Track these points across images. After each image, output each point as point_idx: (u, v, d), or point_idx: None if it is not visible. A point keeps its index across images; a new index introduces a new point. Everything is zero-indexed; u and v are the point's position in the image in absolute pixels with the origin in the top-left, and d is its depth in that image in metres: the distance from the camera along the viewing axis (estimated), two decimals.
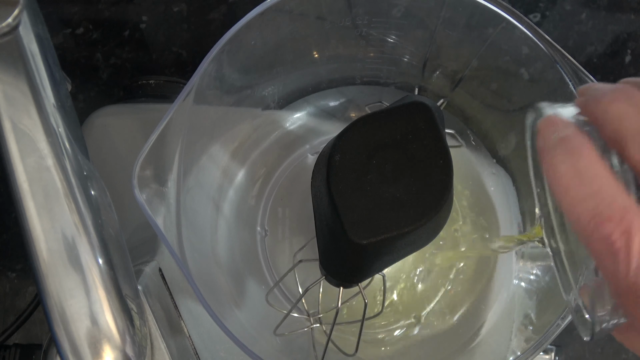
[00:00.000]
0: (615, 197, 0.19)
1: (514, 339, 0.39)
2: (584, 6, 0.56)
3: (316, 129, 0.48)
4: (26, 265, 0.53)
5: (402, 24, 0.41)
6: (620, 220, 0.18)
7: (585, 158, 0.20)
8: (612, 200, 0.19)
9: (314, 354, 0.42)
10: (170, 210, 0.36)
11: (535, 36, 0.34)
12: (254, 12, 0.34)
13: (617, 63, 0.56)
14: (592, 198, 0.19)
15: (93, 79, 0.56)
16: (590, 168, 0.20)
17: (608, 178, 0.19)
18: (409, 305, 0.44)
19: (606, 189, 0.19)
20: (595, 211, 0.19)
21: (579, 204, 0.19)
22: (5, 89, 0.27)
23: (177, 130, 0.34)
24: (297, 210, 0.46)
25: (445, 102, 0.45)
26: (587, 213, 0.19)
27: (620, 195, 0.19)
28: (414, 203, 0.31)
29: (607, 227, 0.19)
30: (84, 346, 0.28)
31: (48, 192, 0.28)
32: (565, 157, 0.20)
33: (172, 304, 0.39)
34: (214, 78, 0.37)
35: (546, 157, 0.21)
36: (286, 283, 0.44)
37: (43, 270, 0.28)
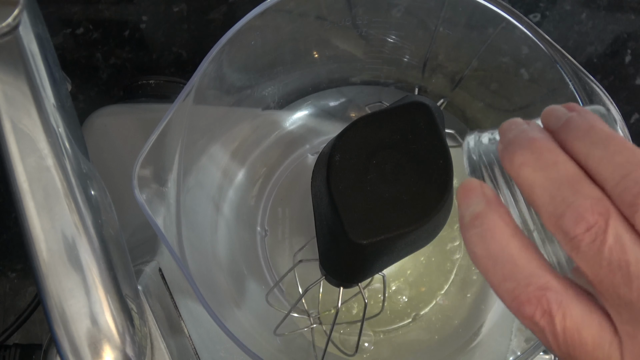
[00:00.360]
0: (530, 278, 0.19)
1: (514, 339, 0.39)
2: (584, 6, 0.56)
3: (316, 129, 0.48)
4: (26, 265, 0.53)
5: (402, 24, 0.41)
6: (538, 301, 0.19)
7: (497, 240, 0.20)
8: (528, 281, 0.19)
9: (314, 354, 0.42)
10: (170, 210, 0.36)
11: (535, 36, 0.34)
12: (254, 12, 0.34)
13: (617, 63, 0.56)
14: (509, 281, 0.19)
15: (93, 79, 0.56)
16: (504, 250, 0.19)
17: (523, 258, 0.19)
18: (408, 305, 0.44)
19: (521, 270, 0.19)
20: (514, 294, 0.19)
21: (499, 287, 0.19)
22: (5, 89, 0.27)
23: (177, 130, 0.34)
24: (297, 210, 0.46)
25: (445, 102, 0.45)
26: (507, 295, 0.19)
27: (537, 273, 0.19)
28: (414, 203, 0.31)
29: (527, 310, 0.19)
30: (84, 346, 0.28)
31: (48, 192, 0.28)
32: (479, 239, 0.20)
33: (172, 304, 0.39)
34: (214, 78, 0.37)
35: (464, 236, 0.21)
36: (286, 283, 0.44)
37: (43, 270, 0.28)
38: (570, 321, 0.19)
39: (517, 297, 0.19)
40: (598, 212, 0.18)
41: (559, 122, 0.21)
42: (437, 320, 0.44)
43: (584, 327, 0.19)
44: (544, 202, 0.19)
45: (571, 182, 0.19)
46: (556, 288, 0.19)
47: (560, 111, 0.21)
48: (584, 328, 0.19)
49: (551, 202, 0.19)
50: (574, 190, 0.19)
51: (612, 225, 0.18)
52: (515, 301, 0.19)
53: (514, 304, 0.19)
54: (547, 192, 0.19)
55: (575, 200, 0.18)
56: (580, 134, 0.20)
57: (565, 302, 0.19)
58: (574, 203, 0.18)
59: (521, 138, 0.20)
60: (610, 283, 0.18)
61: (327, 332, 0.42)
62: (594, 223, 0.18)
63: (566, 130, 0.20)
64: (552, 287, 0.19)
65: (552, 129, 0.21)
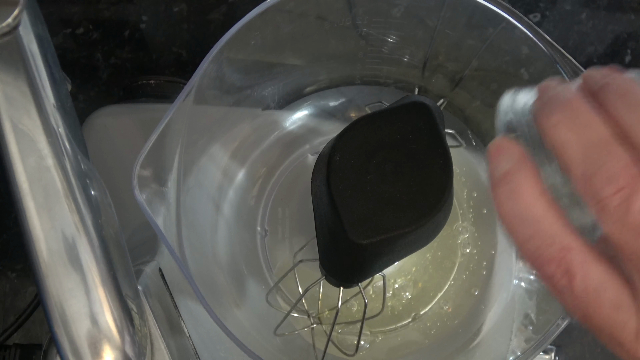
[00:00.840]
0: (554, 238, 0.19)
1: (514, 339, 0.39)
2: (584, 6, 0.56)
3: (316, 129, 0.48)
4: (26, 265, 0.53)
5: (402, 24, 0.41)
6: (560, 261, 0.19)
7: (524, 199, 0.20)
8: (552, 241, 0.19)
9: (314, 354, 0.42)
10: (170, 210, 0.36)
11: (535, 36, 0.34)
12: (254, 12, 0.34)
13: (617, 63, 0.56)
14: (533, 239, 0.20)
15: (93, 79, 0.56)
16: (530, 209, 0.20)
17: (549, 218, 0.20)
18: (408, 305, 0.44)
19: (546, 230, 0.19)
20: (537, 253, 0.19)
21: (523, 245, 0.20)
22: (5, 89, 0.27)
23: (177, 130, 0.34)
24: (297, 210, 0.46)
25: (445, 102, 0.45)
26: (530, 254, 0.20)
27: (561, 234, 0.19)
28: (414, 203, 0.31)
29: (549, 269, 0.19)
30: (84, 346, 0.28)
31: (48, 192, 0.28)
32: (506, 197, 0.20)
33: (172, 304, 0.39)
34: (214, 78, 0.37)
35: (493, 194, 0.21)
36: (286, 283, 0.44)
37: (43, 270, 0.28)
38: (590, 282, 0.19)
39: (540, 256, 0.19)
40: (629, 175, 0.18)
41: (597, 85, 0.21)
42: (437, 320, 0.44)
43: (603, 289, 0.19)
44: (576, 162, 0.19)
45: (604, 145, 0.19)
46: (579, 249, 0.19)
47: (601, 73, 0.21)
48: (603, 290, 0.19)
49: (583, 163, 0.19)
50: (606, 152, 0.19)
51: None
52: (538, 260, 0.19)
53: (537, 262, 0.19)
54: (580, 152, 0.19)
55: (607, 162, 0.18)
56: (617, 97, 0.20)
57: (586, 263, 0.19)
58: (606, 165, 0.18)
59: (559, 98, 0.21)
60: (636, 246, 0.18)
61: (327, 332, 0.42)
62: (624, 185, 0.18)
63: (604, 93, 0.20)
64: (575, 248, 0.19)
65: (591, 90, 0.21)
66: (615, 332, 0.19)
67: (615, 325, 0.19)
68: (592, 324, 0.19)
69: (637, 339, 0.19)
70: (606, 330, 0.19)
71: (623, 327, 0.19)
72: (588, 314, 0.19)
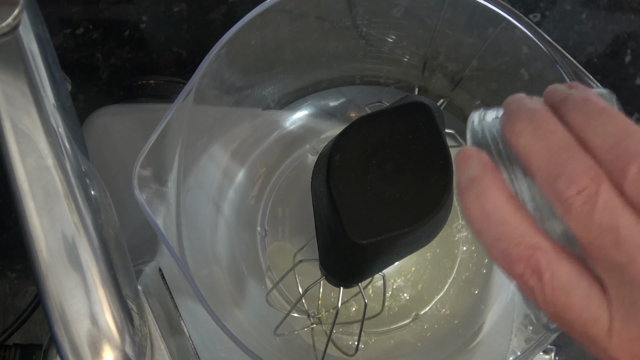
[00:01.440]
0: (522, 238, 0.20)
1: (514, 339, 0.39)
2: (584, 6, 0.56)
3: (316, 129, 0.48)
4: (26, 265, 0.53)
5: (402, 24, 0.41)
6: (528, 260, 0.19)
7: (492, 201, 0.20)
8: (519, 241, 0.20)
9: (314, 354, 0.42)
10: (170, 210, 0.36)
11: (535, 36, 0.34)
12: (254, 12, 0.34)
13: (617, 63, 0.56)
14: (501, 240, 0.20)
15: (93, 79, 0.56)
16: (497, 211, 0.20)
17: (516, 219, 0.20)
18: (408, 305, 0.44)
19: (513, 230, 0.20)
20: (505, 253, 0.20)
21: (492, 247, 0.20)
22: (5, 89, 0.27)
23: (177, 130, 0.34)
24: (297, 210, 0.46)
25: (445, 102, 0.45)
26: (499, 255, 0.20)
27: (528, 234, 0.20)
28: (414, 203, 0.31)
29: (518, 268, 0.19)
30: (84, 346, 0.28)
31: (48, 192, 0.28)
32: (474, 200, 0.21)
33: (172, 304, 0.39)
34: (214, 78, 0.37)
35: (461, 199, 0.21)
36: (286, 283, 0.44)
37: (43, 270, 0.28)
38: (558, 280, 0.19)
39: (508, 256, 0.20)
40: (590, 177, 0.19)
41: (558, 98, 0.21)
42: (436, 320, 0.44)
43: (572, 287, 0.19)
44: (540, 166, 0.20)
45: (566, 149, 0.20)
46: (546, 248, 0.19)
47: (562, 88, 0.22)
48: (572, 288, 0.19)
49: (547, 166, 0.20)
50: (568, 155, 0.19)
51: (603, 190, 0.18)
52: (507, 260, 0.20)
53: (505, 263, 0.20)
54: (544, 157, 0.20)
55: (569, 164, 0.19)
56: (577, 107, 0.21)
57: (554, 262, 0.19)
58: (568, 167, 0.19)
59: (523, 109, 0.21)
60: (600, 245, 0.18)
61: (327, 332, 0.42)
62: (585, 186, 0.19)
63: (564, 105, 0.21)
64: (542, 247, 0.19)
65: (553, 104, 0.22)
66: (587, 328, 0.19)
67: (587, 321, 0.19)
68: (564, 322, 0.20)
69: (610, 334, 0.19)
70: (578, 328, 0.19)
71: (594, 323, 0.19)
72: (559, 312, 0.19)
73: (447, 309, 0.44)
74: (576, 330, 0.19)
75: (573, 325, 0.19)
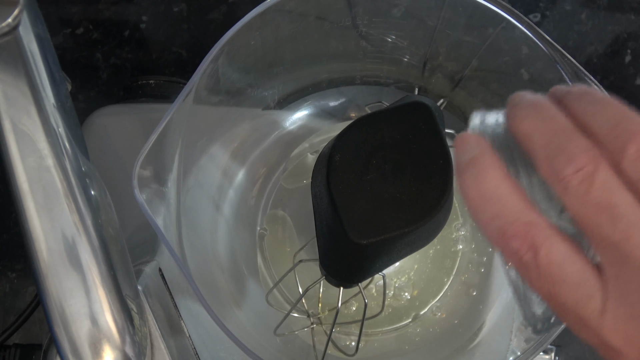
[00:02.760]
0: (519, 215, 0.20)
1: (514, 339, 0.39)
2: (584, 6, 0.56)
3: (316, 129, 0.48)
4: (26, 265, 0.53)
5: (402, 24, 0.41)
6: (525, 235, 0.20)
7: (490, 180, 0.21)
8: (516, 217, 0.20)
9: (314, 354, 0.42)
10: (170, 210, 0.36)
11: (535, 36, 0.34)
12: (254, 12, 0.34)
13: (617, 63, 0.56)
14: (498, 218, 0.20)
15: (93, 79, 0.56)
16: (495, 190, 0.21)
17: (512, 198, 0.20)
18: (408, 305, 0.44)
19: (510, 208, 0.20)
20: (502, 230, 0.20)
21: (488, 225, 0.21)
22: (5, 89, 0.27)
23: (177, 130, 0.34)
24: (297, 210, 0.46)
25: (445, 102, 0.45)
26: (495, 232, 0.20)
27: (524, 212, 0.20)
28: (414, 203, 0.31)
29: (514, 244, 0.20)
30: (84, 346, 0.28)
31: (48, 192, 0.28)
32: (472, 180, 0.21)
33: (172, 304, 0.39)
34: (214, 78, 0.37)
35: (459, 180, 0.22)
36: (286, 283, 0.44)
37: (43, 270, 0.28)
38: (553, 256, 0.19)
39: (504, 233, 0.20)
40: (588, 157, 0.19)
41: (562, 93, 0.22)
42: (436, 320, 0.44)
43: (567, 263, 0.19)
44: (540, 148, 0.20)
45: (566, 132, 0.20)
46: (542, 225, 0.20)
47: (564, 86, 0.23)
48: (567, 264, 0.19)
49: (546, 147, 0.20)
50: (568, 137, 0.20)
51: (601, 169, 0.19)
52: (503, 237, 0.20)
53: (502, 240, 0.20)
54: (544, 138, 0.20)
55: (568, 145, 0.20)
56: (577, 97, 0.21)
57: (550, 238, 0.20)
58: (567, 147, 0.19)
59: (526, 99, 0.22)
60: (596, 223, 0.19)
61: (327, 332, 0.42)
62: (584, 165, 0.19)
63: (566, 97, 0.22)
64: (539, 224, 0.20)
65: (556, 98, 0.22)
66: (580, 307, 0.19)
67: (580, 300, 0.19)
68: (556, 301, 0.20)
69: (602, 314, 0.19)
70: (570, 306, 0.19)
71: (587, 302, 0.19)
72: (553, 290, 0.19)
73: (447, 309, 0.44)
74: (568, 310, 0.19)
75: (565, 304, 0.19)
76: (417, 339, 0.44)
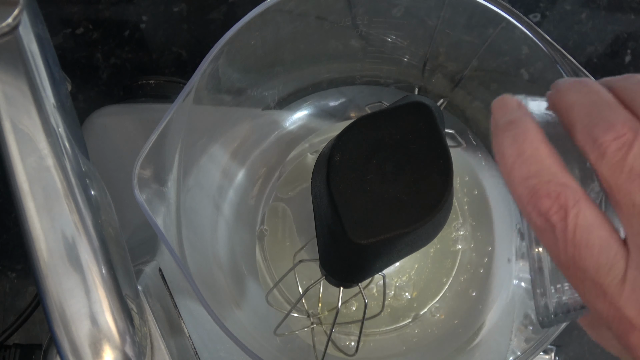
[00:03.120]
0: (554, 177, 0.20)
1: (514, 339, 0.39)
2: (584, 6, 0.56)
3: (316, 129, 0.48)
4: (26, 265, 0.53)
5: (402, 24, 0.41)
6: (557, 196, 0.20)
7: (529, 141, 0.21)
8: (550, 178, 0.20)
9: (314, 354, 0.42)
10: (170, 210, 0.36)
11: (535, 36, 0.34)
12: (254, 12, 0.34)
13: (617, 63, 0.56)
14: (532, 177, 0.20)
15: (93, 79, 0.56)
16: (533, 150, 0.21)
17: (549, 160, 0.21)
18: (408, 305, 0.44)
19: (546, 169, 0.20)
20: (535, 189, 0.20)
21: (521, 183, 0.21)
22: (5, 89, 0.27)
23: (177, 130, 0.34)
24: (297, 210, 0.46)
25: (445, 102, 0.45)
26: (527, 191, 0.20)
27: (560, 174, 0.20)
28: (414, 203, 0.31)
29: (545, 204, 0.20)
30: (84, 346, 0.28)
31: (48, 192, 0.28)
32: (511, 139, 0.21)
33: (172, 304, 0.39)
34: (214, 78, 0.37)
35: (495, 139, 0.22)
36: (286, 283, 0.44)
37: (43, 270, 0.28)
38: (582, 219, 0.19)
39: (537, 192, 0.20)
40: (629, 127, 0.19)
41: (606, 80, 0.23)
42: (436, 320, 0.44)
43: (594, 228, 0.19)
44: (581, 117, 0.21)
45: (608, 105, 0.20)
46: (575, 188, 0.20)
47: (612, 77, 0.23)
48: (594, 229, 0.19)
49: (587, 116, 0.20)
50: (610, 109, 0.20)
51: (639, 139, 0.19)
52: (535, 196, 0.20)
53: (532, 199, 0.20)
54: (586, 108, 0.21)
55: (609, 115, 0.20)
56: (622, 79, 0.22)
57: (581, 202, 0.20)
58: (609, 117, 0.20)
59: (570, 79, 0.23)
60: (627, 191, 0.19)
61: (327, 332, 0.42)
62: (623, 133, 0.19)
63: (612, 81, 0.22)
64: (572, 187, 0.20)
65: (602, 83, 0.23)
66: (600, 274, 0.19)
67: (601, 266, 0.19)
68: (578, 265, 0.20)
69: (622, 283, 0.19)
70: (590, 272, 0.19)
71: (608, 269, 0.19)
72: (576, 253, 0.19)
73: (447, 309, 0.44)
74: (588, 276, 0.19)
75: (586, 270, 0.19)
76: (417, 339, 0.44)
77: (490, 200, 0.45)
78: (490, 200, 0.45)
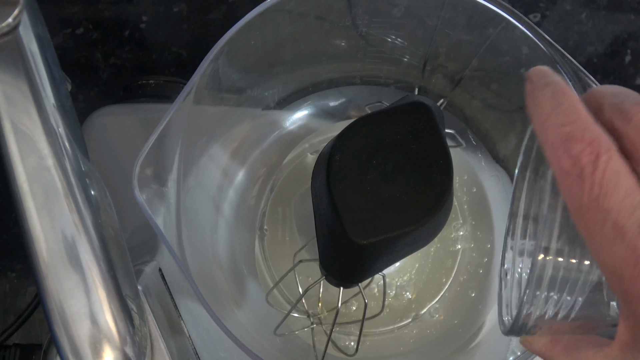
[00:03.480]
0: (590, 125, 0.21)
1: (514, 339, 0.39)
2: (584, 6, 0.56)
3: (316, 129, 0.48)
4: (26, 265, 0.53)
5: (402, 24, 0.41)
6: (590, 142, 0.20)
7: (568, 96, 0.22)
8: (586, 127, 0.21)
9: (314, 354, 0.42)
10: (170, 210, 0.36)
11: (535, 36, 0.34)
12: (254, 12, 0.34)
13: (617, 63, 0.56)
14: (568, 125, 0.21)
15: (93, 79, 0.56)
16: (571, 104, 0.22)
17: (586, 114, 0.21)
18: (408, 305, 0.44)
19: (582, 120, 0.21)
20: (569, 135, 0.21)
21: (555, 130, 0.21)
22: (5, 89, 0.27)
23: (177, 130, 0.34)
24: (297, 210, 0.46)
25: (445, 102, 0.45)
26: (560, 137, 0.21)
27: (594, 126, 0.21)
28: (414, 203, 0.31)
29: (577, 147, 0.20)
30: (84, 346, 0.28)
31: (48, 192, 0.28)
32: (550, 94, 0.22)
33: (172, 304, 0.39)
34: (214, 78, 0.37)
35: (531, 96, 0.23)
36: (286, 283, 0.44)
37: (43, 270, 0.28)
38: (613, 164, 0.20)
39: (571, 138, 0.21)
40: None
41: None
42: (436, 321, 0.44)
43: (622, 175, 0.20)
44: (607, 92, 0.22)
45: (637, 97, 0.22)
46: (608, 140, 0.21)
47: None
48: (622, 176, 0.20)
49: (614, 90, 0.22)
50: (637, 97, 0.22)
51: None
52: (569, 140, 0.21)
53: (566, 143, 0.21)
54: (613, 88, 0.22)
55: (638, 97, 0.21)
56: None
57: (612, 151, 0.20)
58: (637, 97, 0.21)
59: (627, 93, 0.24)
60: None
61: (327, 332, 0.42)
62: None
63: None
64: (606, 139, 0.21)
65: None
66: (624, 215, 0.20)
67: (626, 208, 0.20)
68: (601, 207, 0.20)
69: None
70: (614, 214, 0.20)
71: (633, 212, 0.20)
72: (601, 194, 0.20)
73: (447, 309, 0.44)
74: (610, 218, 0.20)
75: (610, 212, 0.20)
76: (416, 339, 0.44)
77: (490, 200, 0.45)
78: (490, 200, 0.45)
